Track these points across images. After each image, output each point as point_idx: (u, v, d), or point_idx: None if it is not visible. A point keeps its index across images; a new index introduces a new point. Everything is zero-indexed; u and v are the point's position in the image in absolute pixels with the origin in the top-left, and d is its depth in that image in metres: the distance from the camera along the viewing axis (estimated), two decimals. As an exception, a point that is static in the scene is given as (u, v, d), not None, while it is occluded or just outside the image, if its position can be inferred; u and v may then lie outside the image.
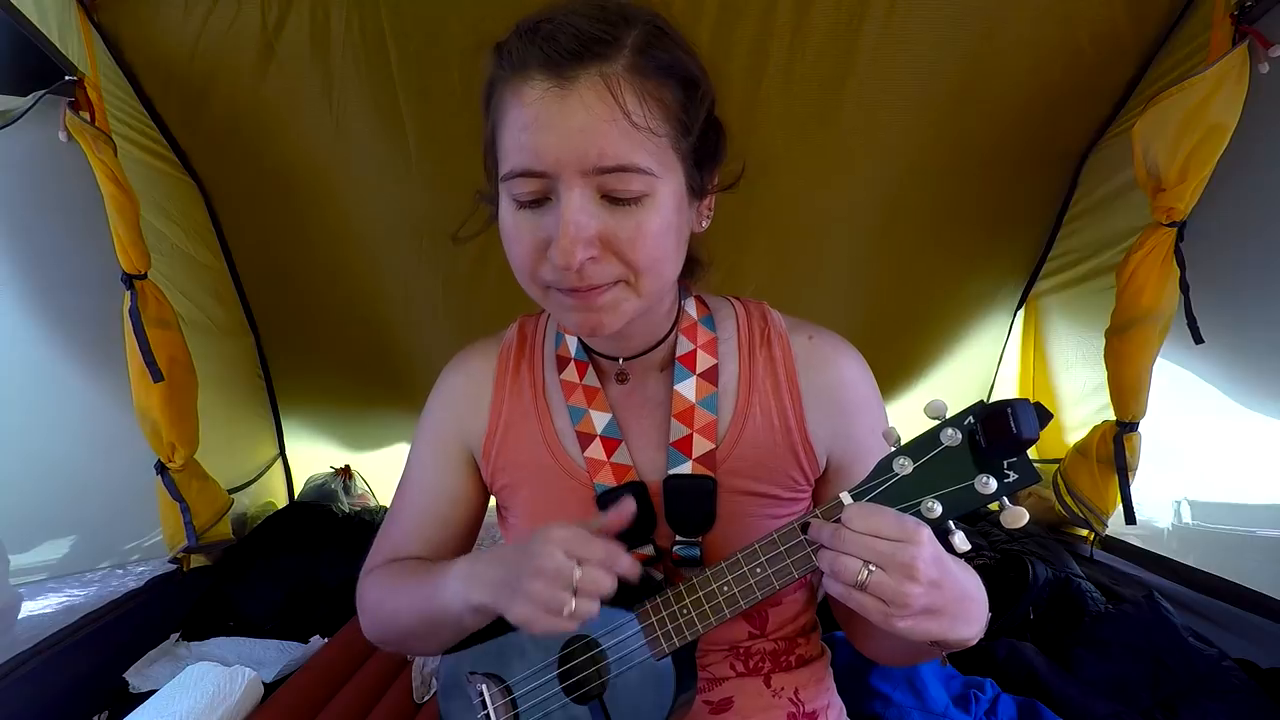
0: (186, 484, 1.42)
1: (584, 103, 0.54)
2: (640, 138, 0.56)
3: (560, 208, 0.56)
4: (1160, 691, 1.12)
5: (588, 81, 0.54)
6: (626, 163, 0.55)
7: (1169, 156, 1.15)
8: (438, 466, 0.79)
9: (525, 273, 0.62)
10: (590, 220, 0.56)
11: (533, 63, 0.55)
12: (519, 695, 0.71)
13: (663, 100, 0.57)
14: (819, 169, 1.48)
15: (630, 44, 0.56)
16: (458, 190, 1.49)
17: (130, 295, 1.26)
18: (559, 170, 0.55)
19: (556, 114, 0.54)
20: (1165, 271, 1.23)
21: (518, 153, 0.57)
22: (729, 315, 0.77)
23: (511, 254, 0.62)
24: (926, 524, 0.52)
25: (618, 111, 0.54)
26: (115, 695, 1.23)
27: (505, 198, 0.60)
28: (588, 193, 0.56)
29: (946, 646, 0.57)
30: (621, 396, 0.75)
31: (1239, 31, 1.09)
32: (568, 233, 0.55)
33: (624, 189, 0.56)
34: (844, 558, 0.52)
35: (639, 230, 0.58)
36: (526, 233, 0.59)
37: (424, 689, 1.26)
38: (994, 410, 0.49)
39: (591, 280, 0.59)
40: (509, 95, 0.57)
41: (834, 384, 0.72)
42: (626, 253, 0.58)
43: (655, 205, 0.58)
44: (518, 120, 0.56)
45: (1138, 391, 1.32)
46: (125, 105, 1.30)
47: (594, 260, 0.58)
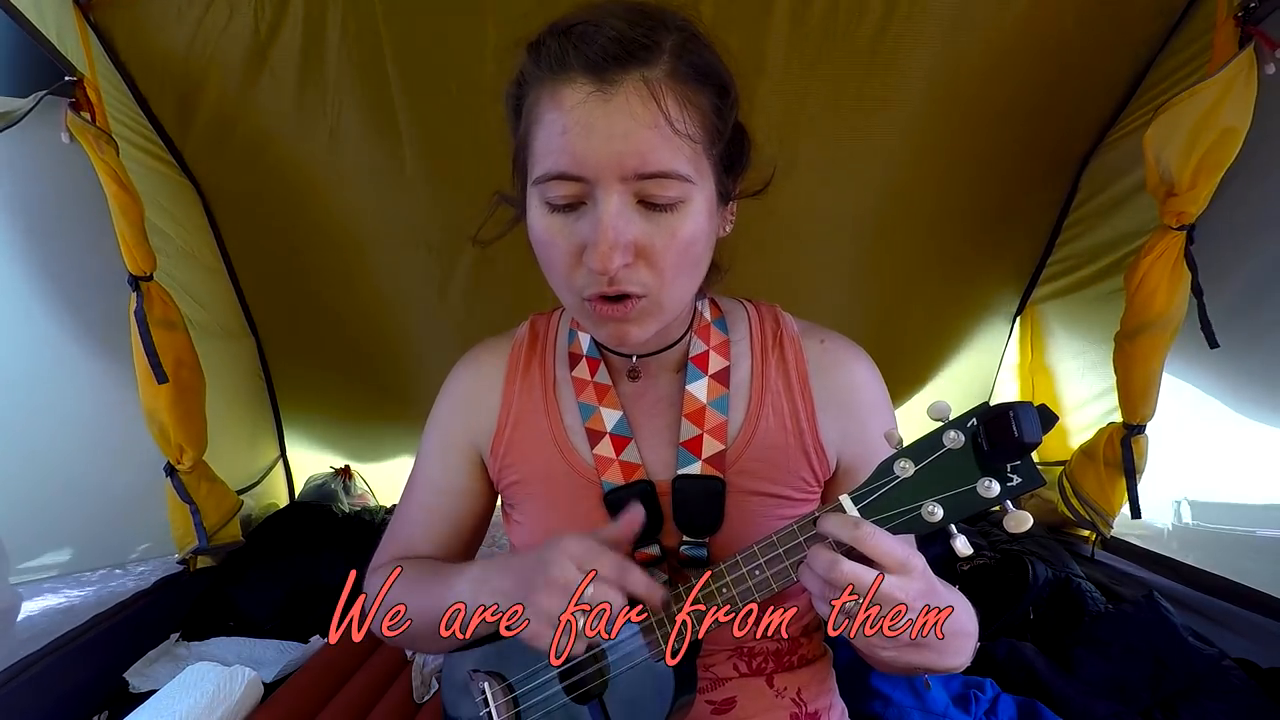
0: (195, 485, 1.42)
1: (627, 107, 0.54)
2: (680, 144, 0.56)
3: (599, 212, 0.56)
4: (1160, 691, 1.12)
5: (631, 86, 0.54)
6: (668, 169, 0.55)
7: (1182, 162, 1.14)
8: (446, 464, 0.79)
9: (561, 279, 0.61)
10: (627, 226, 0.56)
11: (573, 65, 0.54)
12: (520, 694, 0.71)
13: (699, 106, 0.57)
14: (817, 174, 1.47)
15: (669, 48, 0.56)
16: (454, 195, 1.50)
17: (136, 296, 1.25)
18: (599, 175, 0.55)
19: (599, 118, 0.54)
20: (1176, 275, 1.22)
21: (555, 155, 0.56)
22: (741, 317, 0.77)
23: (546, 259, 0.61)
24: (921, 556, 0.52)
25: (660, 117, 0.54)
26: (115, 695, 1.23)
27: (536, 201, 0.59)
28: (626, 198, 0.56)
29: (932, 673, 0.58)
30: (633, 395, 0.75)
31: (1244, 33, 1.08)
32: (606, 237, 0.55)
33: (662, 195, 0.56)
34: (832, 590, 0.51)
35: (673, 237, 0.58)
36: (561, 237, 0.59)
37: (424, 689, 1.26)
38: (997, 412, 0.48)
39: (621, 286, 0.58)
40: (545, 97, 0.56)
41: (846, 387, 0.73)
42: (659, 260, 0.58)
43: (690, 212, 0.58)
44: (556, 123, 0.55)
45: (1147, 395, 1.32)
46: (123, 106, 1.29)
47: (628, 266, 0.57)
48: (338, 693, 1.22)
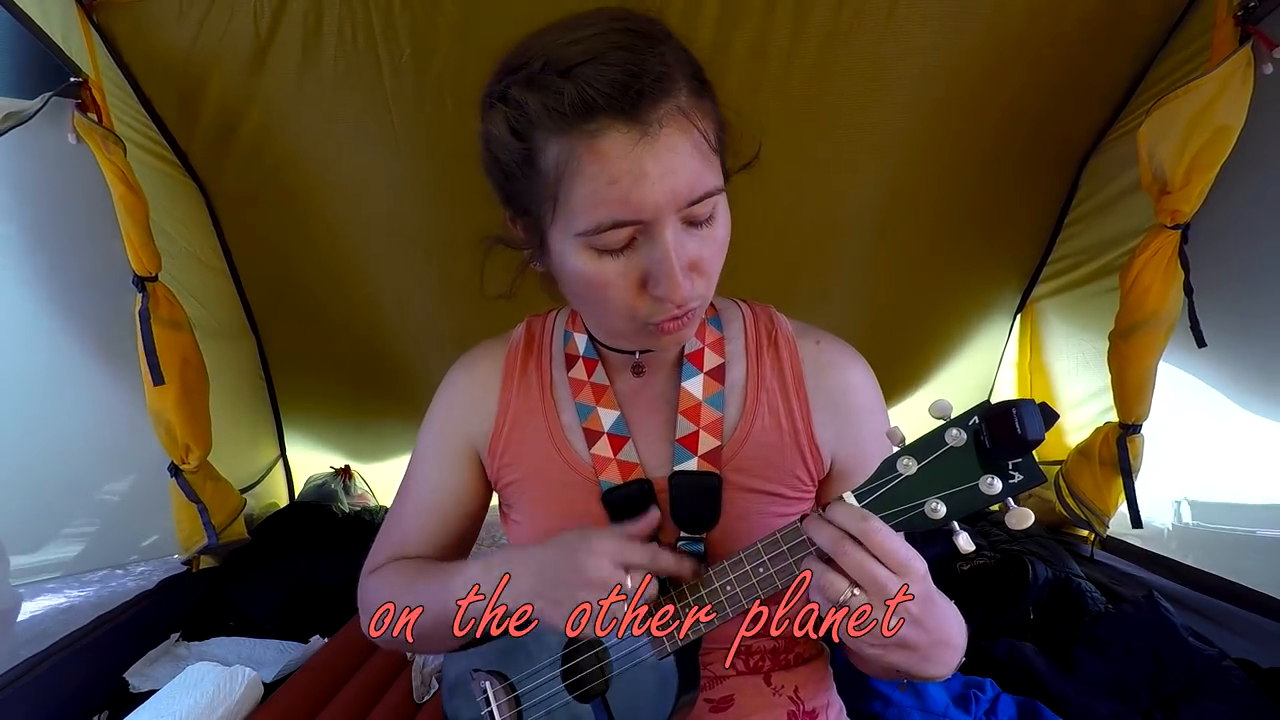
0: (201, 485, 1.42)
1: (670, 144, 0.54)
2: (714, 160, 0.58)
3: (660, 246, 0.56)
4: (1160, 691, 1.12)
5: (668, 121, 0.54)
6: (710, 189, 0.57)
7: (1175, 159, 1.15)
8: (443, 464, 0.79)
9: (621, 314, 0.61)
10: (684, 250, 0.57)
11: (603, 110, 0.52)
12: (522, 693, 0.71)
13: (712, 113, 0.59)
14: (818, 173, 1.48)
15: (679, 68, 0.56)
16: (452, 197, 1.51)
17: (141, 297, 1.25)
18: (657, 215, 0.55)
19: (650, 162, 0.53)
20: (1170, 274, 1.22)
21: (609, 206, 0.55)
22: (736, 316, 0.78)
23: (599, 298, 0.61)
24: (922, 561, 0.53)
25: (701, 143, 0.56)
26: (116, 695, 1.23)
27: (582, 248, 0.58)
28: (678, 224, 0.57)
29: (910, 677, 0.58)
30: (630, 394, 0.75)
31: (1243, 32, 1.09)
32: (675, 269, 0.56)
33: (703, 212, 0.58)
34: (832, 574, 0.52)
35: (716, 246, 0.60)
36: (619, 276, 0.59)
37: (424, 689, 1.26)
38: (999, 410, 0.48)
39: (690, 305, 0.60)
40: (580, 148, 0.54)
41: (840, 388, 0.73)
42: (707, 268, 0.60)
43: (721, 216, 0.60)
44: (602, 174, 0.54)
45: (1142, 394, 1.32)
46: (127, 107, 1.29)
47: (690, 284, 0.59)
48: (338, 693, 1.22)
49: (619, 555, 0.59)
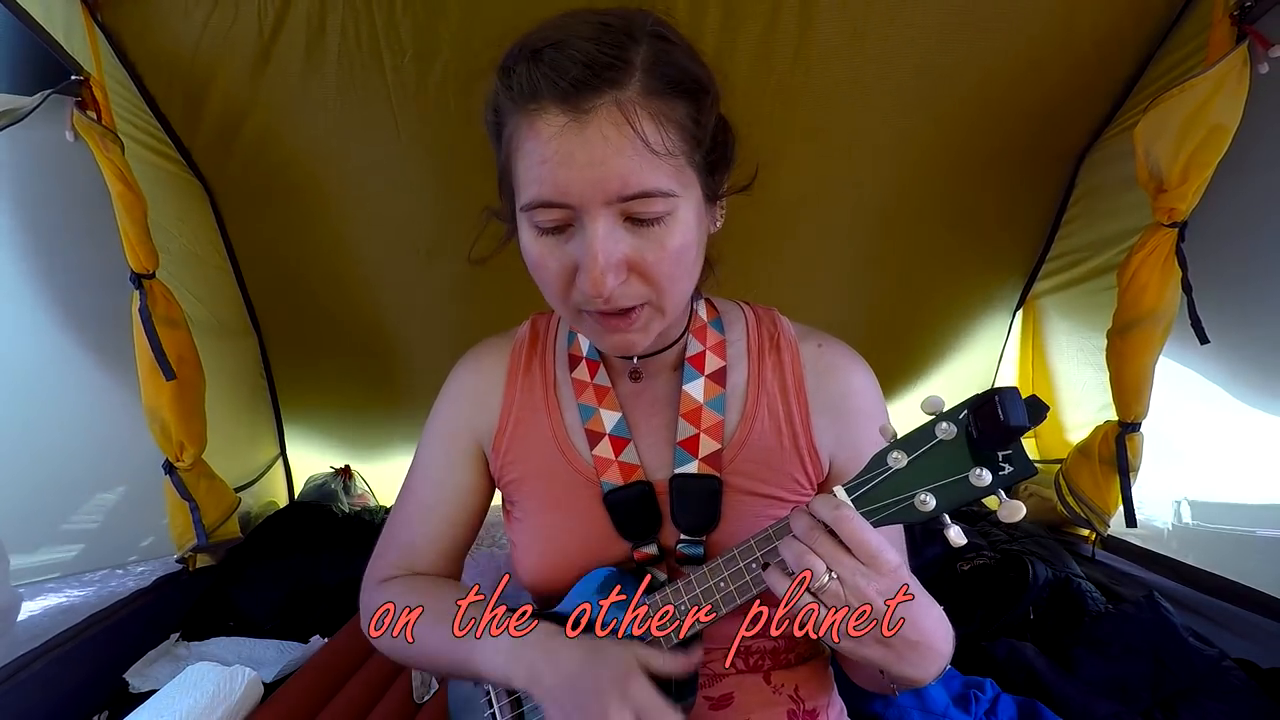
0: (195, 483, 1.42)
1: (602, 134, 0.53)
2: (659, 161, 0.56)
3: (586, 238, 0.56)
4: (1160, 691, 1.12)
5: (604, 111, 0.53)
6: (649, 188, 0.55)
7: (1171, 157, 1.15)
8: (447, 461, 0.79)
9: (556, 297, 0.62)
10: (616, 246, 0.57)
11: (545, 94, 0.54)
12: (523, 693, 0.71)
13: (675, 119, 0.57)
14: (820, 173, 1.49)
15: (640, 64, 0.55)
16: (453, 196, 1.51)
17: (139, 295, 1.26)
18: (582, 202, 0.55)
19: (577, 147, 0.54)
20: (1167, 272, 1.23)
21: (538, 184, 0.56)
22: (738, 319, 0.78)
23: (539, 278, 0.62)
24: (900, 559, 0.53)
25: (637, 140, 0.54)
26: (115, 695, 1.23)
27: (526, 224, 0.60)
28: (611, 219, 0.56)
29: (892, 679, 0.58)
30: (631, 396, 0.75)
31: (1239, 31, 1.09)
32: (597, 262, 0.55)
33: (647, 211, 0.56)
34: (811, 555, 0.53)
35: (663, 249, 0.58)
36: (552, 259, 0.59)
37: (424, 689, 1.26)
38: (982, 400, 0.49)
39: (619, 303, 0.59)
40: (523, 126, 0.56)
41: (841, 392, 0.73)
42: (652, 272, 0.59)
43: (677, 222, 0.58)
44: (534, 153, 0.55)
45: (1140, 392, 1.32)
46: (130, 105, 1.30)
47: (623, 283, 0.58)
48: (338, 693, 1.22)
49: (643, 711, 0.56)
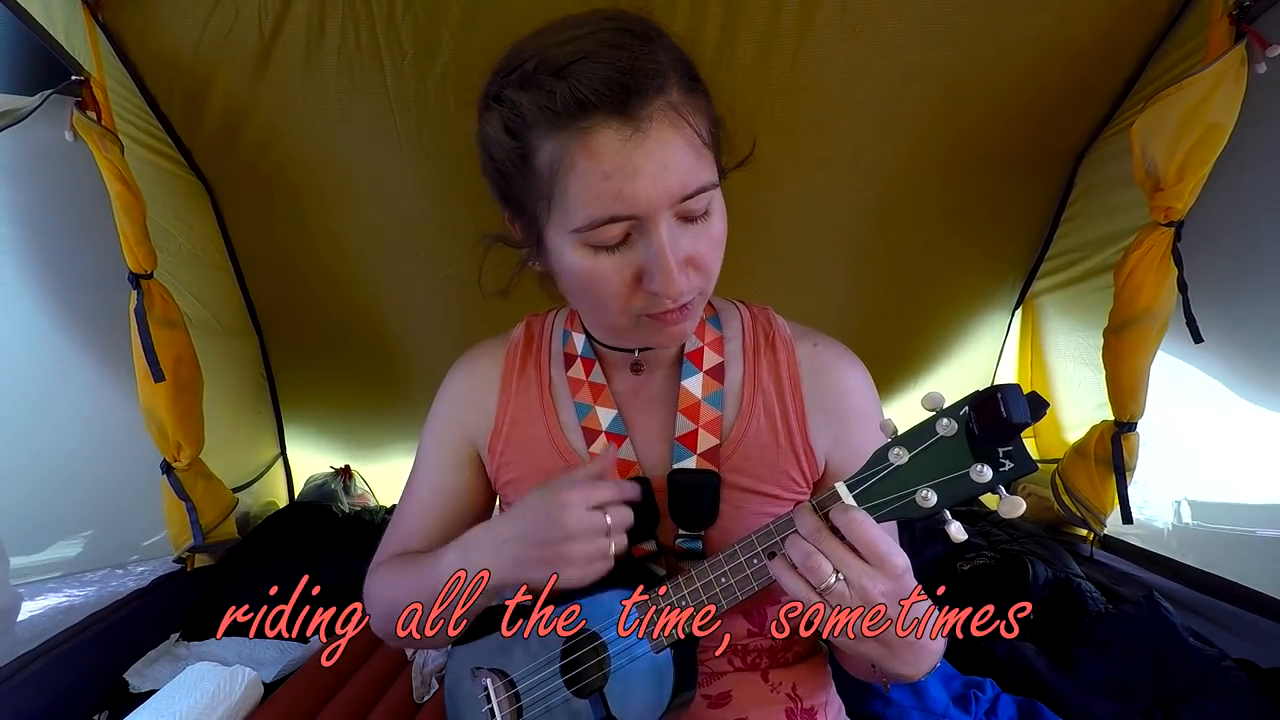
0: (192, 483, 1.42)
1: (662, 140, 0.55)
2: (707, 155, 0.58)
3: (653, 243, 0.57)
4: (1160, 691, 1.12)
5: (660, 117, 0.55)
6: (703, 184, 0.58)
7: (1167, 156, 1.15)
8: (444, 464, 0.80)
9: (616, 309, 0.62)
10: (679, 245, 0.58)
11: (595, 108, 0.54)
12: (522, 689, 0.71)
13: (704, 109, 0.59)
14: (818, 171, 1.49)
15: (671, 65, 0.57)
16: (452, 198, 1.51)
17: (136, 295, 1.26)
18: (650, 210, 0.56)
19: (641, 158, 0.54)
20: (1163, 271, 1.23)
21: (603, 201, 0.56)
22: (734, 316, 0.78)
23: (593, 294, 0.62)
24: (905, 560, 0.53)
25: (693, 139, 0.56)
26: (115, 695, 1.22)
27: (575, 244, 0.59)
28: (672, 220, 0.58)
29: (884, 675, 0.60)
30: (628, 392, 0.76)
31: (1238, 31, 1.09)
32: (670, 266, 0.57)
33: (698, 207, 0.58)
34: (818, 556, 0.53)
35: (712, 240, 0.61)
36: (614, 272, 0.59)
37: (424, 689, 1.26)
38: (984, 395, 0.49)
39: (684, 299, 0.61)
40: (574, 146, 0.55)
41: (836, 392, 0.73)
42: (703, 262, 0.61)
43: (716, 212, 0.61)
44: (594, 170, 0.55)
45: (1135, 391, 1.32)
46: (131, 105, 1.30)
47: (685, 279, 0.60)
48: (338, 693, 1.22)
49: (588, 499, 0.60)
